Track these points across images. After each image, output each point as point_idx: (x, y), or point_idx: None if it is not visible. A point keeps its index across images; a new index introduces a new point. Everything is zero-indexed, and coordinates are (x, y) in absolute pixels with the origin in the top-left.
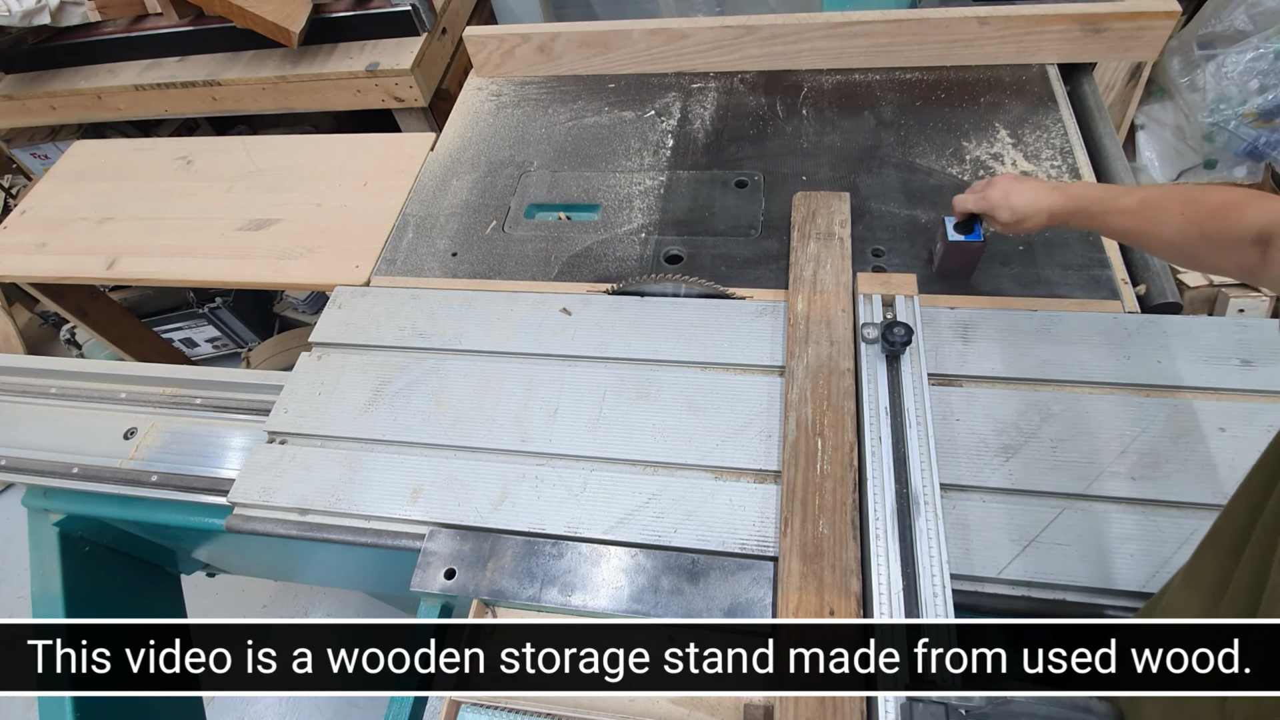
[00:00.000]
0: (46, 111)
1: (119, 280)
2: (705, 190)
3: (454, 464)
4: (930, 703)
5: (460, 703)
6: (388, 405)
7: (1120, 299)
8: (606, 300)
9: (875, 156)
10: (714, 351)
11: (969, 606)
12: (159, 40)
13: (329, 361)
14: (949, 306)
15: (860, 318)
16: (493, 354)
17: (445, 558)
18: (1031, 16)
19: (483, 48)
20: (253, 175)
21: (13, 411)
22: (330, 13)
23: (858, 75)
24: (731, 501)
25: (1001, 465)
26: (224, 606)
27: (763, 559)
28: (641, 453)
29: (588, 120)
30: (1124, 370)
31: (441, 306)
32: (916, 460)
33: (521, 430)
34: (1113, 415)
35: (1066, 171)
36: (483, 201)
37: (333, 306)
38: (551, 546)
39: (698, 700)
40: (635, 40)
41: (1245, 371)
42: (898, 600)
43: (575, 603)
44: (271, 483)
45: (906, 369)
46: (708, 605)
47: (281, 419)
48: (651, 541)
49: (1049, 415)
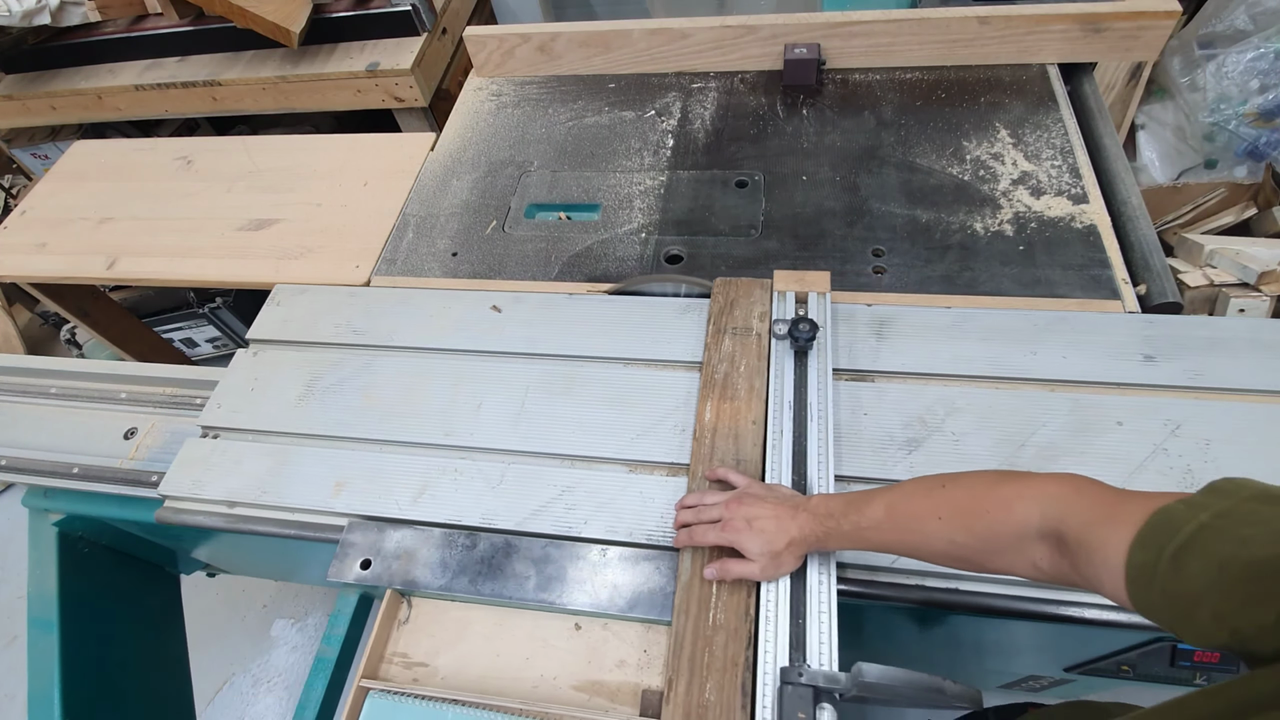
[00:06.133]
0: (46, 111)
1: (119, 280)
2: (705, 190)
3: (379, 458)
4: (800, 685)
5: (368, 689)
6: (318, 400)
7: (1121, 299)
8: (538, 298)
9: (875, 156)
10: (638, 348)
11: (864, 595)
12: (159, 40)
13: (264, 358)
14: (867, 304)
15: (774, 314)
16: (424, 350)
17: (363, 549)
18: (1032, 16)
19: (483, 48)
20: (253, 175)
21: (13, 411)
22: (330, 13)
23: (858, 75)
24: (643, 494)
25: (905, 458)
26: (224, 606)
27: (666, 549)
28: (561, 446)
29: (588, 120)
30: (1030, 366)
31: (378, 304)
32: (815, 452)
33: (446, 424)
34: (1017, 410)
35: (1066, 171)
36: (483, 201)
37: (271, 304)
38: (466, 538)
39: (597, 686)
40: (635, 40)
41: (1147, 367)
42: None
43: (485, 592)
44: (202, 476)
45: (813, 364)
46: (610, 595)
47: (215, 414)
48: (563, 532)
49: (955, 409)
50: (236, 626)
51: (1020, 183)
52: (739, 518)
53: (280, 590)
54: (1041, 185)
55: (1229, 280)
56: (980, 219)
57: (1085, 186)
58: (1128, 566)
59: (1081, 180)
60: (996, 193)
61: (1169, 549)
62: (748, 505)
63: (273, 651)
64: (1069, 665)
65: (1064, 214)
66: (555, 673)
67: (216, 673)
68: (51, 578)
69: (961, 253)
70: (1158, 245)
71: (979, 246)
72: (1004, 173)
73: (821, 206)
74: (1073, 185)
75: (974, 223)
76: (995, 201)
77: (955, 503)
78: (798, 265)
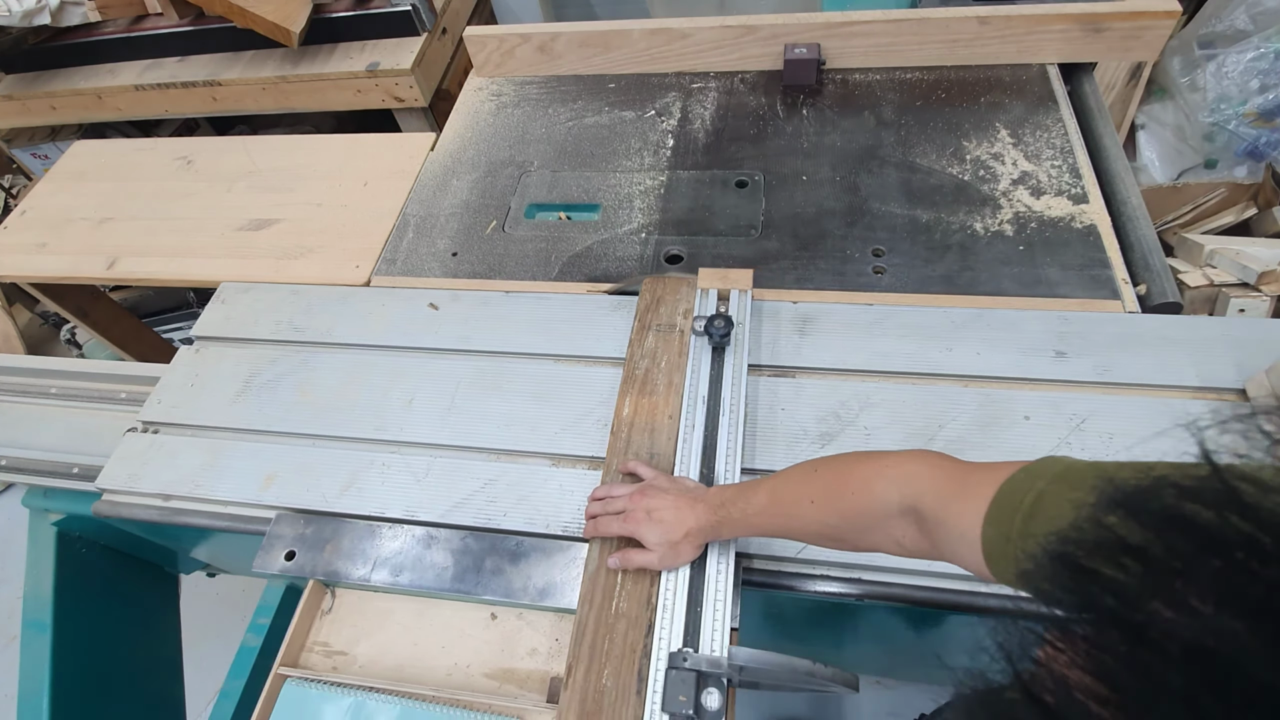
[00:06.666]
0: (46, 111)
1: (119, 280)
2: (705, 190)
3: (310, 452)
4: (683, 669)
5: (285, 676)
6: (255, 396)
7: (1121, 299)
8: (474, 295)
9: (875, 156)
10: (568, 345)
11: (769, 585)
12: (159, 40)
13: (206, 354)
14: (791, 301)
15: (696, 310)
16: (361, 347)
17: (288, 540)
18: (1032, 16)
19: (483, 48)
20: (253, 175)
21: (13, 411)
22: (330, 13)
23: (858, 75)
24: (562, 486)
25: (816, 451)
26: (224, 606)
27: (580, 540)
28: (486, 440)
29: (588, 120)
30: (945, 362)
31: (319, 302)
32: (724, 446)
33: (378, 419)
34: (928, 405)
35: (1067, 171)
36: (483, 201)
37: (216, 301)
38: (388, 529)
39: (509, 673)
40: (635, 40)
41: (1058, 363)
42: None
43: (403, 582)
44: (139, 470)
45: (729, 360)
46: (524, 585)
47: (154, 409)
48: (482, 524)
49: (869, 404)
50: (236, 626)
51: (1020, 183)
52: (640, 509)
53: None
54: (1041, 185)
55: (1229, 280)
56: (980, 219)
57: (1085, 186)
58: (983, 540)
59: (1081, 180)
60: (996, 193)
61: (1017, 520)
62: (650, 497)
63: None
64: None
65: (1064, 214)
66: (469, 661)
67: (216, 673)
68: (48, 579)
69: (961, 253)
70: (1158, 245)
71: (979, 247)
72: (1004, 173)
73: (821, 206)
74: (1073, 185)
75: (974, 223)
76: (995, 201)
77: (824, 485)
78: (798, 265)
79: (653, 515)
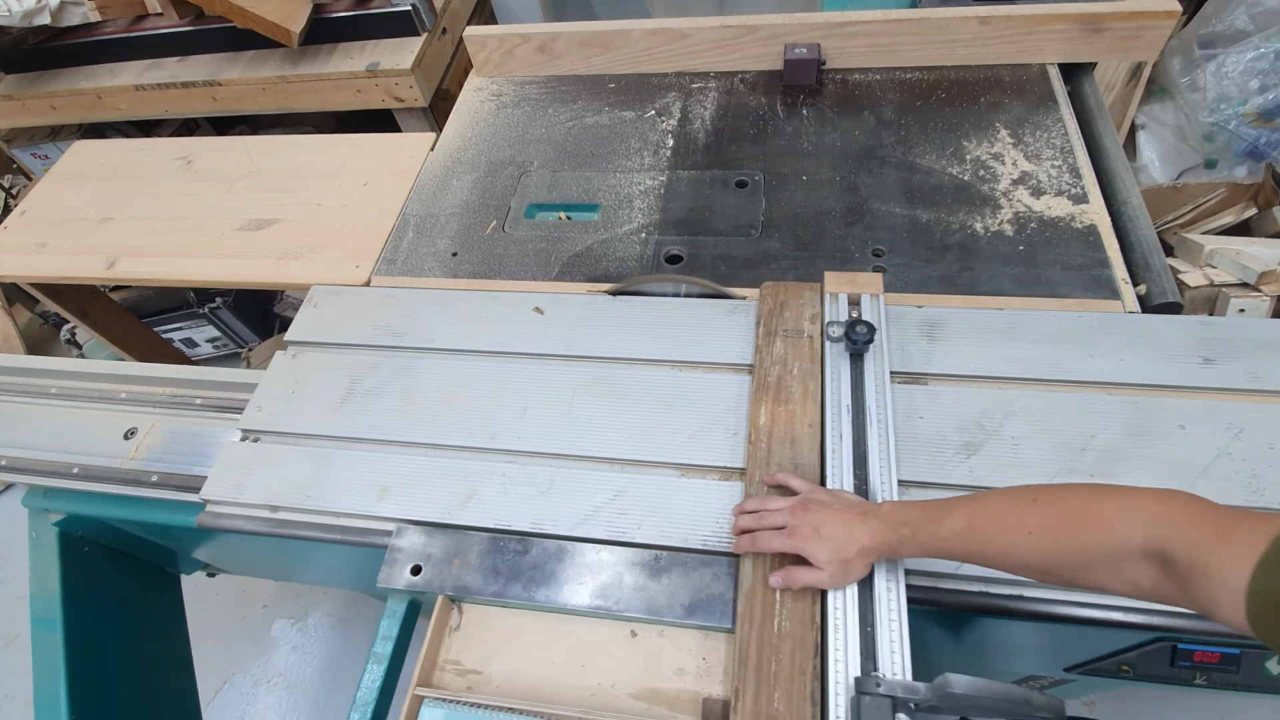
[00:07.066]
0: (46, 111)
1: (119, 280)
2: (705, 190)
3: (423, 461)
4: (878, 696)
5: (423, 697)
6: (359, 403)
7: (1121, 299)
8: (579, 299)
9: (876, 156)
10: (685, 350)
11: (926, 601)
12: (159, 40)
13: (303, 360)
14: (916, 305)
15: (826, 316)
16: (465, 352)
17: (412, 554)
18: (1032, 16)
19: (483, 48)
20: (253, 175)
21: (13, 411)
22: (330, 13)
23: (858, 75)
24: (696, 498)
25: (963, 462)
26: (224, 606)
27: (724, 555)
28: (609, 450)
29: (588, 120)
30: (1087, 368)
31: (416, 305)
32: (876, 457)
33: (490, 428)
34: (1075, 414)
35: (1067, 171)
36: (483, 201)
37: (308, 305)
38: (516, 543)
39: (656, 694)
40: (635, 40)
41: (1206, 369)
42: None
43: (539, 598)
44: (242, 479)
45: (869, 367)
46: (669, 601)
47: (255, 417)
48: (615, 538)
49: (1011, 413)
50: (237, 626)
51: (1020, 183)
52: (805, 524)
53: (280, 590)
54: (1041, 185)
55: (1229, 280)
56: (980, 219)
57: (1085, 186)
58: (1250, 591)
59: (1081, 180)
60: (996, 193)
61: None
62: (814, 512)
63: (273, 651)
64: (1069, 665)
65: (1064, 214)
66: (612, 680)
67: (216, 673)
68: (54, 576)
69: (961, 253)
70: (1158, 245)
71: (979, 246)
72: (1004, 173)
73: (821, 206)
74: (1073, 185)
75: (974, 223)
76: (995, 201)
77: (1048, 517)
78: (798, 265)
79: (821, 531)
